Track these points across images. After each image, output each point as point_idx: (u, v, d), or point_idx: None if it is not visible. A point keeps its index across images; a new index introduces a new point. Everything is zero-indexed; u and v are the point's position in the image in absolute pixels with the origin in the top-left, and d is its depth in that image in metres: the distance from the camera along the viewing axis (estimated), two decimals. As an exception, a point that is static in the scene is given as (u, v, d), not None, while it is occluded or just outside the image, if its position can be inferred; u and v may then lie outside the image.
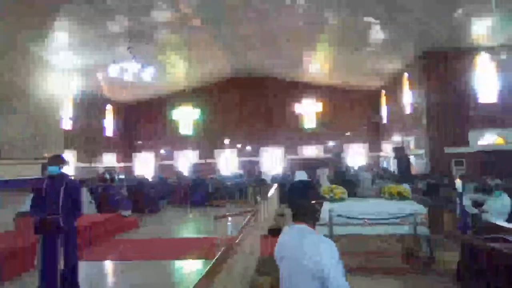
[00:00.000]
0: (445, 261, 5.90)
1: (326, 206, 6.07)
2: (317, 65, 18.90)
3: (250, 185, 15.32)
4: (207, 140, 23.33)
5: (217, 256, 3.26)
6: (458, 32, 12.88)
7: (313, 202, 2.02)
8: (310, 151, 22.87)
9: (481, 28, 12.60)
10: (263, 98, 22.94)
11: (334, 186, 6.77)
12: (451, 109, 14.32)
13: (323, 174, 13.91)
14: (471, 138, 14.37)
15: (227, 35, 15.36)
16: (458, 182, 6.07)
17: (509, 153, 13.97)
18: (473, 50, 14.20)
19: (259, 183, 15.05)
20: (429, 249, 6.16)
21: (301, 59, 18.27)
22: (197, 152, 23.72)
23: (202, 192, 15.11)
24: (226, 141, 22.97)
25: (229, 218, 7.45)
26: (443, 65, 14.51)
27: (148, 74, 13.19)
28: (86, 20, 11.60)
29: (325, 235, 5.29)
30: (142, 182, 15.04)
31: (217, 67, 20.29)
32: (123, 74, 12.64)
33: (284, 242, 2.03)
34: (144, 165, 23.97)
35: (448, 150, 14.23)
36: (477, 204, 7.06)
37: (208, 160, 23.28)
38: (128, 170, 23.03)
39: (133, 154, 24.31)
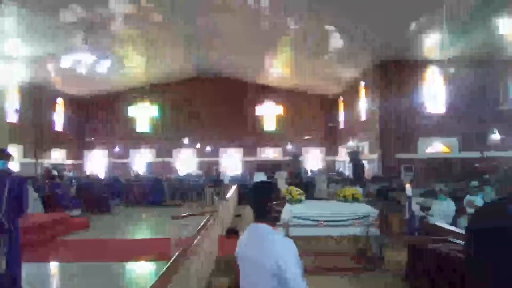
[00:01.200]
0: (394, 260, 6.18)
1: (286, 207, 6.17)
2: (279, 68, 19.17)
3: (209, 185, 15.17)
4: (165, 138, 22.78)
5: (173, 258, 3.18)
6: (411, 45, 13.64)
7: (275, 203, 2.04)
8: (269, 153, 23.12)
9: (432, 43, 13.45)
10: (224, 99, 22.83)
11: (292, 188, 6.88)
12: (403, 118, 15.13)
13: (281, 177, 14.11)
14: (420, 146, 15.29)
15: (188, 33, 15.12)
16: (407, 187, 6.40)
17: (454, 161, 15.04)
18: (425, 62, 15.13)
19: (218, 184, 14.95)
20: (379, 249, 6.45)
21: (263, 62, 18.43)
22: (154, 151, 23.09)
23: (158, 192, 14.73)
24: (185, 141, 22.57)
25: (187, 219, 7.31)
26: (397, 76, 15.31)
27: (103, 67, 12.63)
28: (36, 6, 10.86)
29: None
30: (93, 180, 14.36)
31: (178, 65, 19.92)
32: (77, 66, 12.00)
33: (245, 241, 2.03)
34: (96, 163, 22.90)
35: (399, 156, 15.02)
36: (424, 207, 7.51)
37: (166, 159, 22.74)
38: (79, 168, 21.89)
39: (84, 151, 23.16)
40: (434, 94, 15.57)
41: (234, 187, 13.41)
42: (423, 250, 4.91)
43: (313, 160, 22.83)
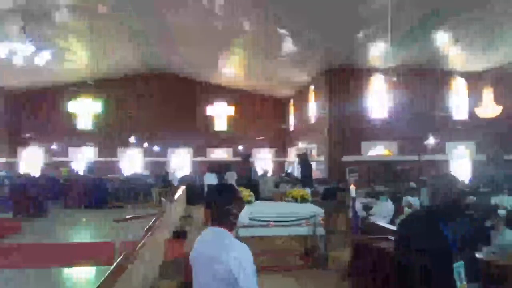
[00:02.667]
0: (339, 259, 6.41)
1: (246, 208, 6.11)
2: (231, 69, 19.13)
3: (156, 186, 14.70)
4: (110, 136, 21.69)
5: (115, 263, 3.01)
6: (358, 53, 14.33)
7: (232, 205, 2.00)
8: (220, 154, 22.97)
9: (376, 52, 14.22)
10: (174, 97, 22.28)
11: (242, 189, 6.85)
12: (349, 122, 15.83)
13: (232, 177, 14.04)
14: (364, 149, 16.11)
15: (137, 27, 14.55)
16: (352, 188, 6.67)
17: (395, 163, 16.04)
18: (370, 70, 15.94)
19: (166, 185, 14.53)
20: (325, 249, 6.65)
21: (215, 61, 18.28)
22: (97, 149, 21.89)
23: (101, 193, 13.95)
24: (132, 139, 21.61)
25: (132, 221, 6.99)
26: (344, 82, 15.99)
27: (42, 58, 11.70)
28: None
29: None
30: (27, 180, 13.25)
31: (126, 60, 19.06)
32: (12, 56, 11.00)
33: (200, 245, 1.99)
34: (32, 161, 21.18)
35: (345, 158, 15.69)
36: (367, 207, 7.88)
37: (110, 159, 21.65)
38: (12, 167, 20.12)
39: (18, 148, 21.32)
40: (378, 100, 16.48)
41: (183, 187, 13.11)
42: (365, 248, 5.12)
43: (263, 161, 23.06)
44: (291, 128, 22.37)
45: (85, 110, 21.75)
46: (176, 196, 10.29)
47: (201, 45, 15.91)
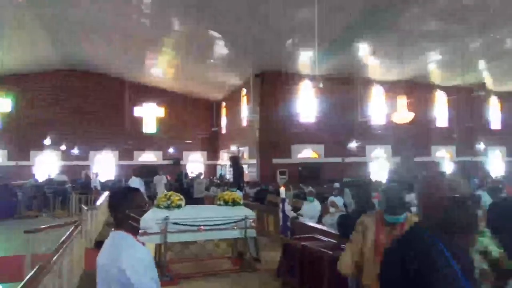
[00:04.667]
0: (270, 260, 6.50)
1: (162, 213, 5.88)
2: (161, 68, 18.49)
3: (76, 192, 13.52)
4: (21, 138, 19.47)
5: (26, 278, 2.68)
6: (288, 59, 14.81)
7: (135, 209, 1.96)
8: (148, 157, 22.01)
9: (305, 58, 14.85)
10: (98, 96, 20.85)
11: (171, 193, 6.61)
12: (279, 125, 16.29)
13: (161, 182, 13.54)
14: (293, 152, 16.70)
15: (56, 20, 13.32)
16: (282, 189, 6.82)
17: (321, 165, 16.89)
18: (299, 76, 16.58)
19: (87, 190, 13.47)
20: (256, 250, 6.70)
21: (143, 60, 17.50)
22: (6, 152, 19.53)
23: (9, 201, 12.40)
24: (47, 141, 19.62)
25: (46, 232, 6.30)
26: (275, 86, 16.44)
27: None
28: None
29: (158, 244, 4.92)
30: None
31: (42, 54, 17.29)
32: None
33: (102, 249, 1.96)
34: None
35: (275, 161, 16.09)
36: (296, 208, 8.12)
37: (21, 163, 19.44)
38: None
39: None
40: (306, 105, 17.22)
41: (106, 193, 12.27)
42: (294, 248, 5.25)
43: (194, 164, 22.64)
44: (223, 131, 22.32)
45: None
46: (98, 202, 9.57)
47: (128, 43, 15.12)
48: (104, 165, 21.11)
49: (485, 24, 11.20)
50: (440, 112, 19.88)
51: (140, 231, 1.98)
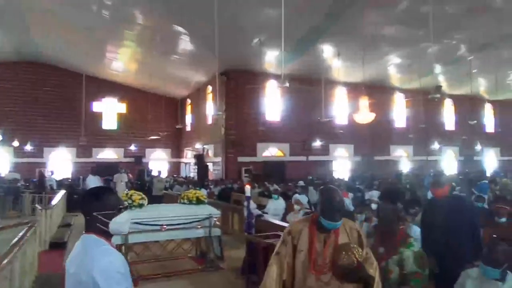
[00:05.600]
0: (234, 258, 6.47)
1: (125, 215, 5.67)
2: (122, 63, 17.87)
3: (29, 191, 12.76)
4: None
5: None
6: (254, 57, 14.79)
7: (108, 211, 1.81)
8: (109, 154, 21.22)
9: (271, 58, 14.92)
10: (54, 90, 19.80)
11: (132, 192, 6.39)
12: (245, 124, 16.28)
13: (121, 180, 13.09)
14: (259, 150, 16.76)
15: (7, 8, 12.45)
16: (247, 188, 6.81)
17: (286, 163, 17.08)
18: (265, 75, 16.63)
19: (41, 189, 12.75)
20: (220, 249, 6.64)
21: (104, 54, 16.82)
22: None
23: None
24: (-2, 137, 18.39)
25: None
26: (241, 84, 16.40)
27: None
28: None
29: (119, 245, 4.71)
30: None
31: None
32: None
33: (72, 254, 1.81)
34: None
35: (240, 159, 16.07)
36: (261, 206, 8.14)
37: (-32, 160, 18.09)
38: None
39: None
40: (272, 104, 17.34)
41: (62, 192, 11.68)
42: (257, 246, 5.26)
43: (158, 162, 22.12)
44: (188, 128, 21.97)
45: None
46: (53, 202, 9.08)
47: (87, 35, 14.44)
48: (60, 163, 20.08)
49: (441, 31, 11.79)
50: (399, 113, 20.76)
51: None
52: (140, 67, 18.09)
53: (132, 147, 21.24)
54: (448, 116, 22.30)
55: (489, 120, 23.50)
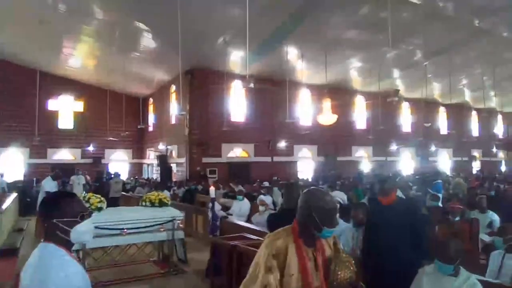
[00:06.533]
0: (197, 261, 6.36)
1: (89, 222, 5.37)
2: (80, 59, 17.05)
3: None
4: None
5: None
6: (220, 57, 14.67)
7: (71, 218, 1.66)
8: (65, 154, 20.16)
9: (236, 58, 14.86)
10: (3, 87, 18.46)
11: (90, 194, 6.09)
12: (209, 124, 16.09)
13: (78, 182, 12.48)
14: (224, 151, 16.63)
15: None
16: (211, 189, 6.72)
17: (251, 164, 17.08)
18: (230, 76, 16.50)
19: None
20: (183, 252, 6.50)
21: (60, 49, 15.97)
22: None
23: None
24: None
25: None
26: (206, 83, 16.20)
27: None
28: None
29: (76, 250, 4.42)
30: None
31: None
32: None
33: (27, 264, 1.64)
34: None
35: (205, 160, 15.86)
36: (226, 208, 8.07)
37: None
38: None
39: None
40: (237, 104, 17.28)
41: (13, 195, 10.94)
42: (222, 247, 5.20)
43: (120, 163, 21.34)
44: (150, 128, 21.38)
45: None
46: (3, 206, 8.47)
47: (42, 29, 13.61)
48: (11, 164, 18.80)
49: (399, 37, 12.32)
50: (360, 115, 21.45)
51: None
52: (99, 64, 17.34)
53: (91, 148, 20.31)
54: (405, 119, 23.34)
55: (442, 122, 24.86)
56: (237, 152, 17.38)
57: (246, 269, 4.50)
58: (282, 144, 18.02)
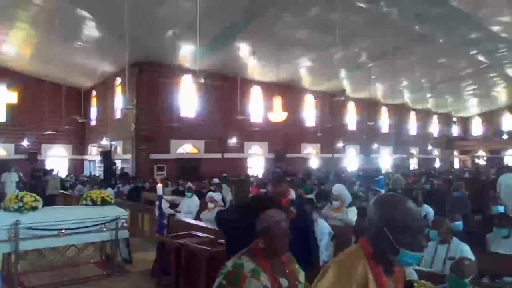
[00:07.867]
0: (143, 261, 6.14)
1: (12, 217, 4.96)
2: (14, 46, 15.63)
3: None
4: None
5: None
6: (168, 50, 14.21)
7: None
8: (-5, 150, 18.42)
9: (186, 52, 14.50)
10: None
11: (24, 193, 5.60)
12: (158, 119, 15.56)
13: (11, 180, 11.47)
14: (172, 147, 16.19)
15: None
16: (159, 186, 6.49)
17: (201, 161, 16.83)
18: (180, 70, 16.09)
19: None
20: (128, 252, 6.24)
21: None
22: None
23: None
24: None
25: None
26: (154, 77, 15.61)
27: None
28: None
29: (7, 254, 4.04)
30: None
31: None
32: None
33: None
34: None
35: (153, 156, 15.33)
36: (174, 205, 7.85)
37: None
38: None
39: None
40: (187, 100, 16.89)
41: None
42: (169, 246, 5.07)
43: (57, 159, 19.94)
44: (93, 123, 20.22)
45: None
46: None
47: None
48: None
49: (346, 38, 12.81)
50: (309, 113, 22.04)
51: None
52: (36, 52, 16.00)
53: (25, 142, 18.74)
54: (351, 117, 24.41)
55: (384, 121, 26.39)
56: (187, 149, 17.03)
57: (193, 266, 4.46)
58: (233, 140, 17.97)
